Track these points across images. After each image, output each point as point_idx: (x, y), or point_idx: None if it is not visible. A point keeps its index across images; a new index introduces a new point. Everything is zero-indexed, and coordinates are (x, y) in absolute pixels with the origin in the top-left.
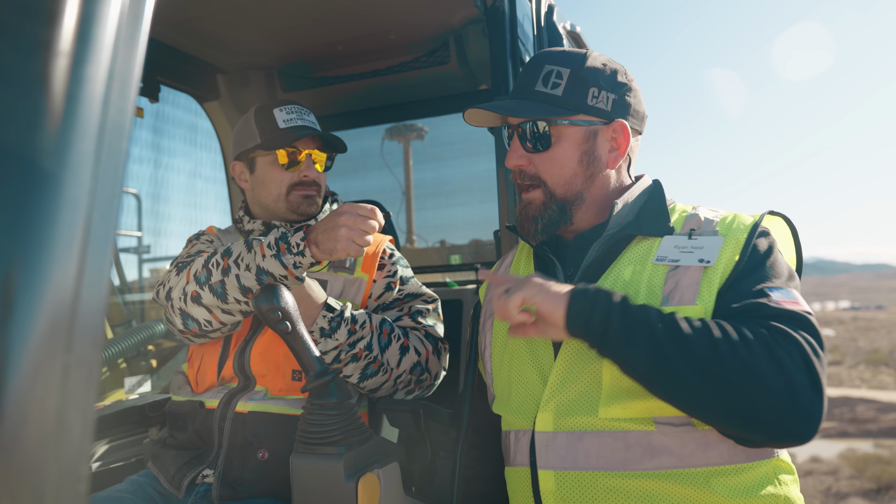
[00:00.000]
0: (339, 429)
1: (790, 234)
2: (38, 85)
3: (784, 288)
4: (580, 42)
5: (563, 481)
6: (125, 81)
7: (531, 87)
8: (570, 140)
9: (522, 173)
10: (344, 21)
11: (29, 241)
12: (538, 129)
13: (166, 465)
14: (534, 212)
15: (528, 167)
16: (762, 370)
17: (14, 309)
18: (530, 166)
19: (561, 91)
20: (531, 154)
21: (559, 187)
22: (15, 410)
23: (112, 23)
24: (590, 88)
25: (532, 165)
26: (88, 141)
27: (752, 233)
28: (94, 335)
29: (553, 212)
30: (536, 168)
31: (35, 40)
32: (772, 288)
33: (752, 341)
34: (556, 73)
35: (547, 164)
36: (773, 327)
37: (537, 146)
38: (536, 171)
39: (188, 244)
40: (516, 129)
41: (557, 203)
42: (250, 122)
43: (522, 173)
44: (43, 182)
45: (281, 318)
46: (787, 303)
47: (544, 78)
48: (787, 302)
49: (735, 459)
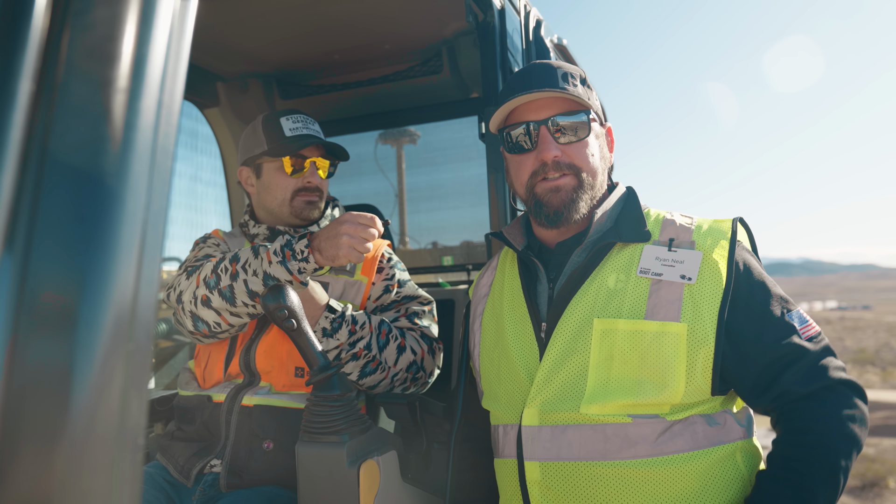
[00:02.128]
0: (341, 419)
1: (748, 239)
2: (102, 117)
3: (796, 310)
4: (567, 54)
5: (548, 471)
6: (170, 109)
7: (555, 83)
8: (594, 134)
9: (557, 164)
10: (341, 31)
11: (98, 249)
12: (575, 121)
13: (175, 455)
14: (565, 196)
15: (562, 158)
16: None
17: (87, 307)
18: (563, 156)
19: (579, 90)
20: (564, 146)
21: (591, 175)
22: (89, 391)
23: (159, 61)
24: (592, 92)
25: (565, 155)
26: (143, 163)
27: (732, 252)
28: (147, 328)
29: (579, 198)
30: (571, 157)
31: (99, 79)
32: (790, 314)
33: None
34: (570, 75)
35: (582, 152)
36: (840, 449)
37: (573, 137)
38: (571, 160)
39: (195, 247)
40: (546, 124)
41: (584, 191)
42: (258, 129)
43: (557, 164)
44: (108, 198)
45: (287, 316)
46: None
47: (563, 77)
48: (808, 330)
49: (700, 445)
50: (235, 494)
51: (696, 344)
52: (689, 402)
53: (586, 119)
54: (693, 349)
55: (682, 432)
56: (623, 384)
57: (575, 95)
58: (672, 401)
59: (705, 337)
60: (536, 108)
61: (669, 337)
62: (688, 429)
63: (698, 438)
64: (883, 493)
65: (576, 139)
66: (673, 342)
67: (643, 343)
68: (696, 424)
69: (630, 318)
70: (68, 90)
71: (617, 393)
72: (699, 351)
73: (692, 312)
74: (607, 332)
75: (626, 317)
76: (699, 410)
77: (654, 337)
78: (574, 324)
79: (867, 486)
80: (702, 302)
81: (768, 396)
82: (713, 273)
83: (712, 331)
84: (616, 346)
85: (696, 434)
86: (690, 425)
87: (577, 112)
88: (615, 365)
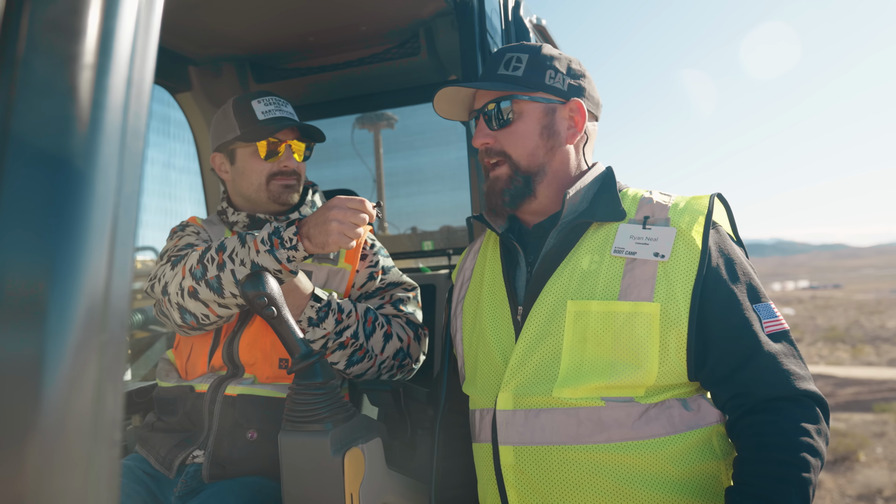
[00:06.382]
0: (324, 407)
1: (726, 217)
2: (68, 94)
3: (765, 303)
4: (546, 35)
5: (521, 455)
6: (140, 88)
7: (494, 72)
8: (531, 115)
9: (489, 150)
10: (315, 12)
11: (67, 235)
12: (501, 108)
13: (156, 447)
14: (501, 185)
15: (493, 144)
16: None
17: (58, 295)
18: (496, 143)
19: (521, 72)
20: (496, 132)
21: (523, 159)
22: (61, 384)
23: (128, 36)
24: (547, 70)
25: (497, 142)
26: (113, 143)
27: (707, 229)
28: (121, 317)
29: (519, 184)
30: (501, 144)
31: (63, 54)
32: (757, 305)
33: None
34: (516, 59)
35: (511, 138)
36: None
37: (501, 123)
38: (501, 147)
39: (173, 236)
40: (481, 113)
41: (522, 175)
42: (229, 113)
43: (489, 150)
44: (76, 182)
45: (267, 304)
46: (774, 328)
47: (506, 63)
48: (773, 325)
49: (676, 430)
50: (218, 485)
51: (668, 324)
52: (663, 384)
53: (509, 105)
54: (665, 329)
55: (658, 416)
56: (596, 366)
57: (492, 87)
58: (646, 382)
59: (678, 316)
60: (481, 97)
61: (642, 317)
62: (664, 413)
63: (675, 422)
64: (854, 467)
65: (505, 125)
66: (645, 322)
67: (616, 324)
68: (672, 409)
69: (603, 299)
70: (31, 66)
71: (590, 375)
72: (671, 330)
73: (665, 291)
74: (580, 314)
75: (599, 298)
76: (675, 394)
77: (626, 318)
78: (548, 307)
79: (839, 460)
80: (675, 280)
81: (725, 390)
82: (687, 250)
83: (685, 310)
84: (589, 327)
85: (673, 418)
86: (667, 409)
87: (504, 98)
88: (588, 347)
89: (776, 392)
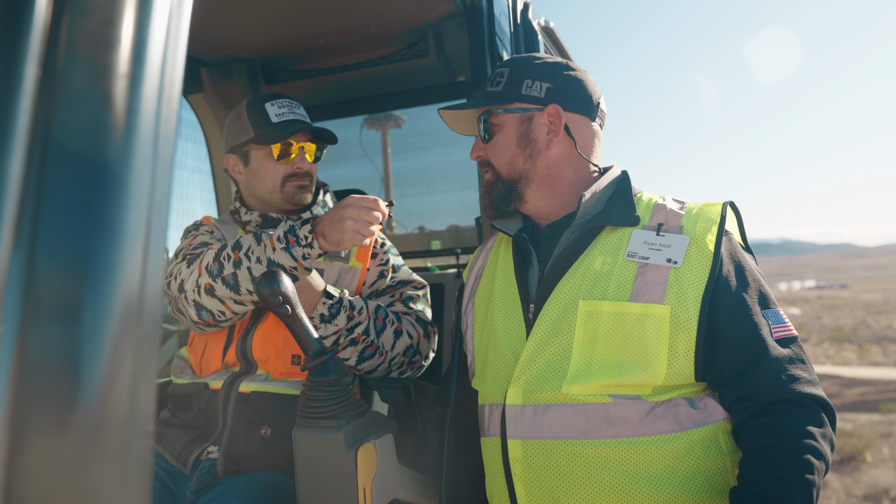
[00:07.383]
0: (337, 403)
1: (737, 226)
2: (104, 103)
3: (774, 309)
4: (554, 37)
5: (529, 450)
6: (171, 96)
7: (484, 90)
8: (507, 126)
9: (481, 161)
10: (325, 15)
11: (105, 235)
12: (484, 122)
13: (171, 443)
14: (485, 191)
15: (484, 156)
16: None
17: (96, 295)
18: (486, 155)
19: (501, 87)
20: (486, 144)
21: (503, 168)
22: (101, 379)
23: (159, 47)
24: (524, 81)
25: (486, 154)
26: (146, 149)
27: (719, 237)
28: (154, 314)
29: (500, 191)
30: (488, 155)
31: (99, 65)
32: (766, 311)
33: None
34: (499, 74)
35: (493, 149)
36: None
37: (487, 136)
38: (488, 158)
39: (187, 235)
40: (478, 128)
41: (504, 183)
42: (242, 115)
43: (481, 161)
44: (113, 185)
45: (281, 302)
46: (783, 334)
47: (491, 80)
48: (781, 331)
49: (682, 427)
50: (232, 480)
51: (678, 326)
52: (671, 384)
53: (485, 119)
54: (675, 331)
55: (665, 414)
56: (605, 365)
57: (471, 105)
58: (654, 382)
59: (688, 320)
60: (474, 114)
61: (652, 319)
62: (671, 410)
63: (682, 420)
64: (860, 467)
65: (490, 138)
66: (655, 324)
67: (626, 324)
68: (678, 406)
69: (615, 300)
70: (70, 76)
71: (599, 373)
72: (681, 333)
73: (676, 295)
74: (592, 314)
75: (610, 299)
76: (681, 393)
77: (637, 319)
78: (560, 305)
79: (845, 460)
80: (686, 285)
81: (732, 392)
82: (700, 256)
83: (695, 314)
84: (600, 327)
85: (680, 416)
86: (673, 407)
87: (484, 113)
88: (598, 346)
89: (782, 395)
